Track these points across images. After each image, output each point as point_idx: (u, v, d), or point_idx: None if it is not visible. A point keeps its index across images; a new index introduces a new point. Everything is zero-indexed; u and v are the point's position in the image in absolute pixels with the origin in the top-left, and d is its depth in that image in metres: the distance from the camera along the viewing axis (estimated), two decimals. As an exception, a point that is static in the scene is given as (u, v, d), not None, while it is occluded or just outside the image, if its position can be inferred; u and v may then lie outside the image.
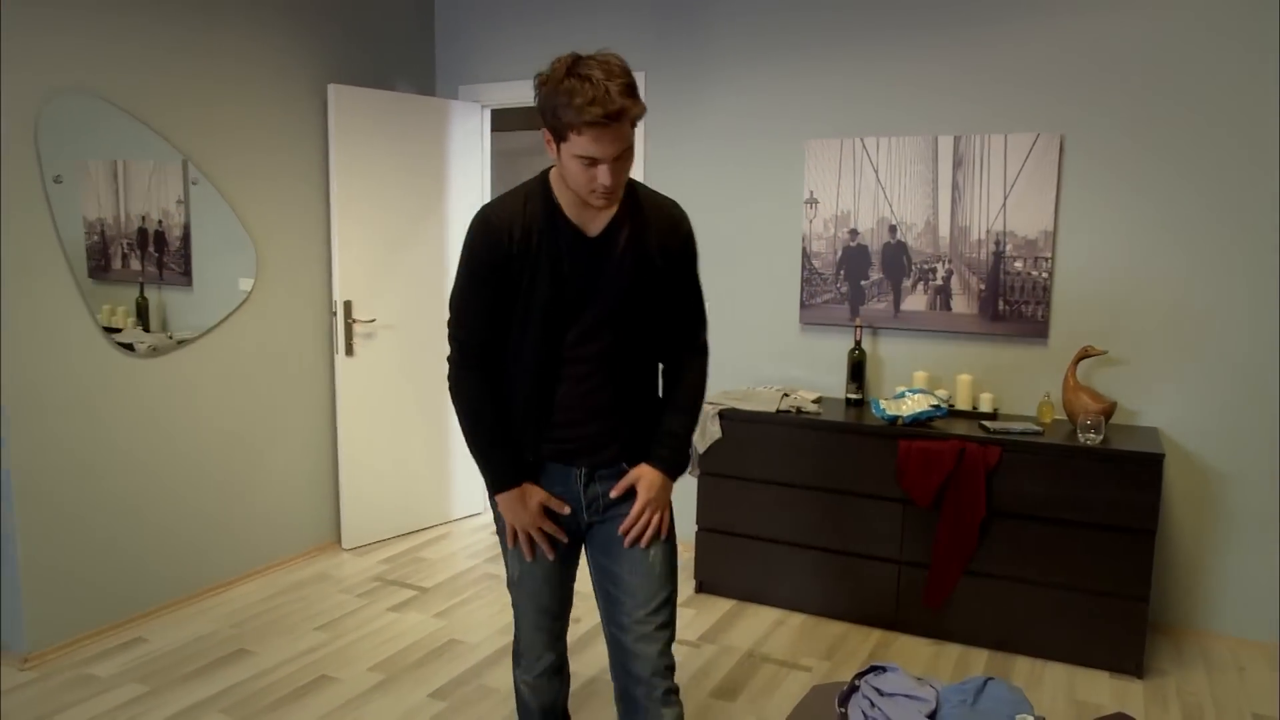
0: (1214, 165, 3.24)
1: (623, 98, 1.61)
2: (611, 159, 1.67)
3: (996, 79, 3.51)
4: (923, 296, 3.69)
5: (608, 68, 1.63)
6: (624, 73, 1.65)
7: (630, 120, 1.66)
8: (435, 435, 4.47)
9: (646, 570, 1.91)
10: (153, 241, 3.40)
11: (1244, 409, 3.29)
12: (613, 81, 1.61)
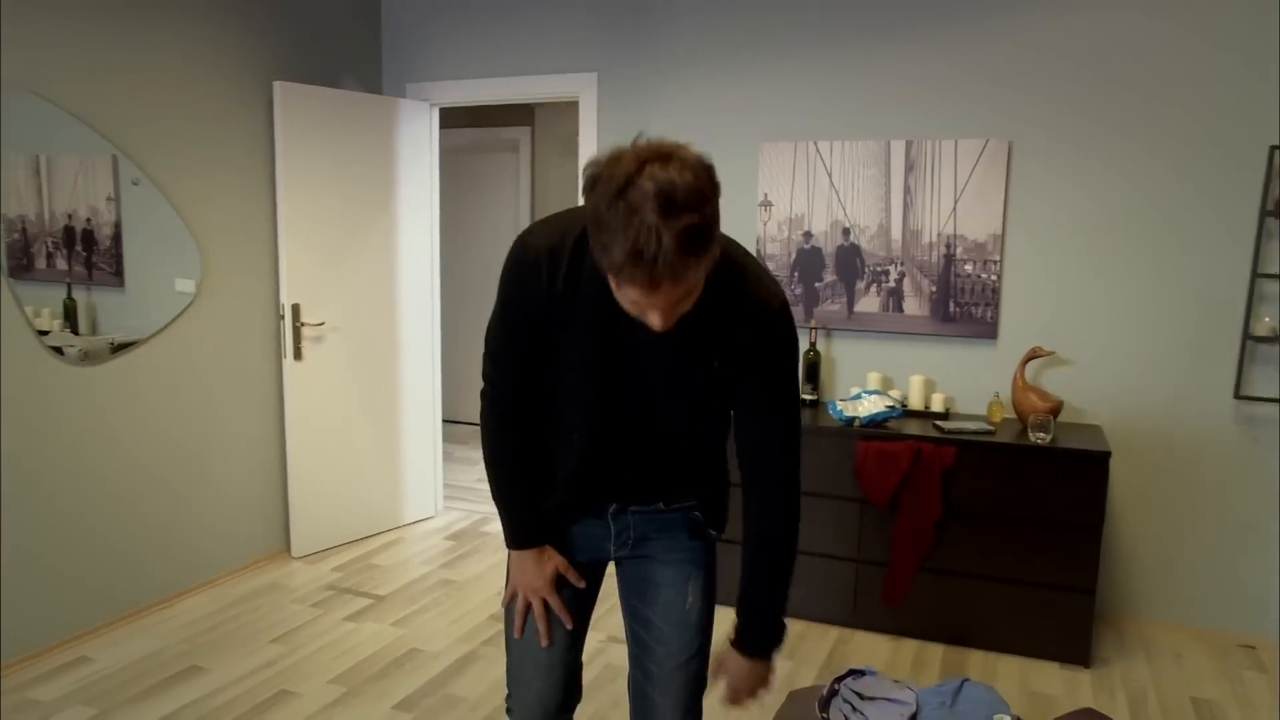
0: (1157, 171, 3.36)
1: (680, 255, 1.18)
2: (663, 308, 1.28)
3: (947, 85, 3.59)
4: (876, 298, 3.76)
5: (671, 198, 1.16)
6: (693, 204, 1.18)
7: (692, 276, 1.23)
8: (385, 440, 4.40)
9: (681, 619, 1.68)
10: (80, 240, 3.26)
11: (1182, 407, 3.43)
12: (670, 226, 1.16)
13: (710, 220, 1.21)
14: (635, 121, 4.09)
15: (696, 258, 1.20)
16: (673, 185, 1.17)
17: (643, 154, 1.20)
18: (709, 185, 1.21)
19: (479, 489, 5.25)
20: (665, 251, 1.16)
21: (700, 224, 1.19)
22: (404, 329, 4.42)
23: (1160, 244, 3.39)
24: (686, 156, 1.21)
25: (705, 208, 1.19)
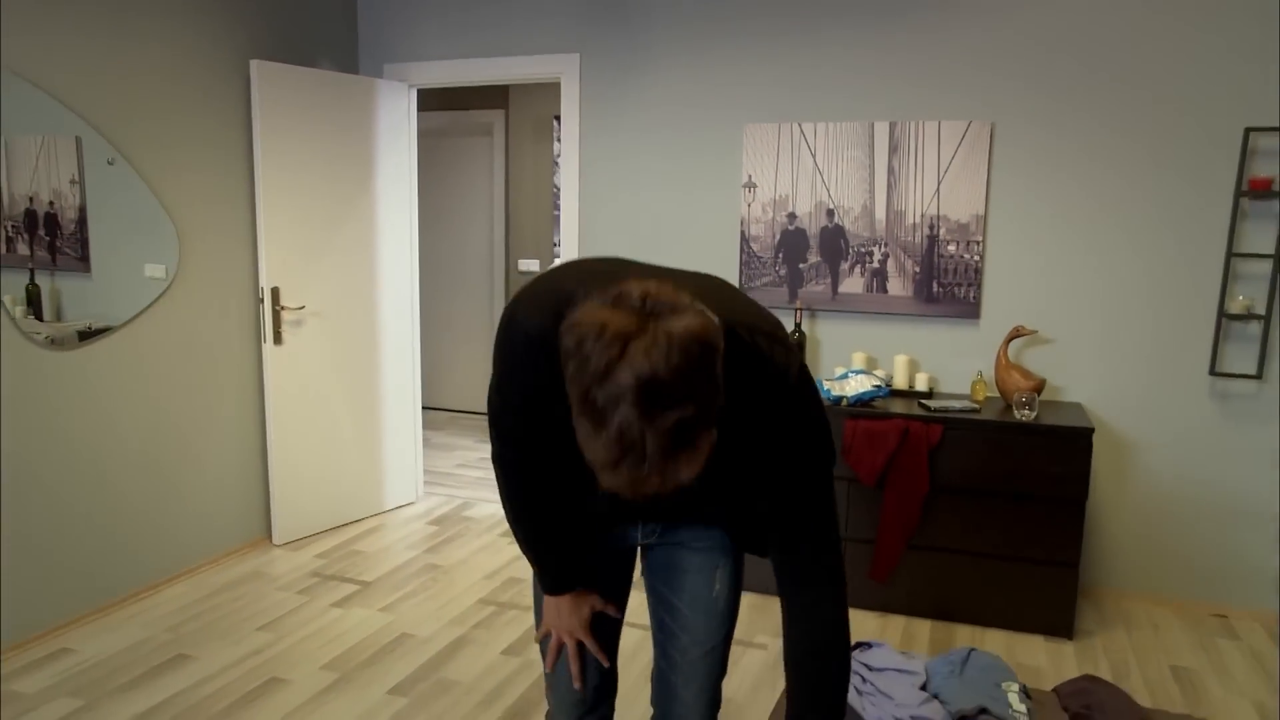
0: (1135, 152, 3.42)
1: (668, 457, 1.02)
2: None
3: (931, 67, 3.61)
4: (860, 279, 3.79)
5: (655, 391, 0.98)
6: (682, 394, 1.00)
7: (686, 473, 1.07)
8: (365, 425, 4.35)
9: (709, 606, 1.62)
10: (43, 224, 3.16)
11: (1159, 384, 3.50)
12: (655, 426, 1.00)
13: (705, 406, 1.02)
14: (618, 103, 4.07)
15: (690, 453, 1.03)
16: (655, 376, 0.98)
17: (627, 329, 1.00)
18: (703, 362, 1.02)
19: (458, 474, 5.22)
20: (651, 456, 1.01)
21: (691, 417, 1.01)
22: (383, 313, 4.37)
23: (1138, 224, 3.45)
24: (676, 330, 1.00)
25: (699, 394, 1.01)
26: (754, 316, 1.31)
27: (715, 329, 1.05)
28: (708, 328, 1.03)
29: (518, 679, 2.98)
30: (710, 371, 1.03)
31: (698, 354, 1.01)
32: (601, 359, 0.99)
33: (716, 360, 1.04)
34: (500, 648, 3.19)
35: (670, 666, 1.67)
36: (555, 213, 6.11)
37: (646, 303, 1.03)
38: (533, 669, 3.05)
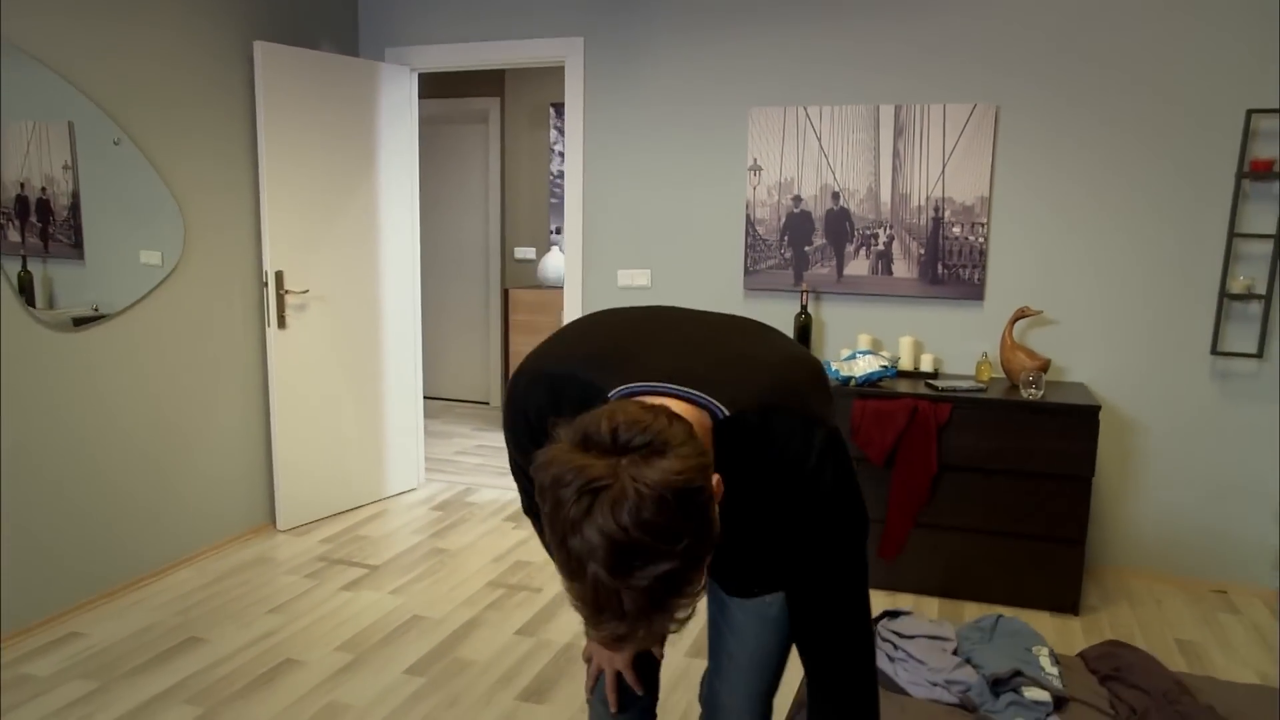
0: (1139, 134, 3.46)
1: (648, 614, 0.93)
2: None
3: (936, 51, 3.64)
4: (865, 261, 3.81)
5: (623, 552, 0.90)
6: (656, 550, 0.90)
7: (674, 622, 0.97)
8: (368, 410, 4.33)
9: (761, 611, 1.53)
10: (35, 211, 3.10)
11: (1161, 364, 3.55)
12: (630, 585, 0.91)
13: (689, 556, 0.92)
14: (624, 87, 4.07)
15: (678, 600, 0.94)
16: (626, 536, 0.89)
17: (595, 479, 0.91)
18: (683, 512, 0.91)
19: (458, 461, 5.21)
20: (630, 613, 0.92)
21: (671, 571, 0.91)
22: (385, 298, 4.35)
23: (1141, 205, 3.50)
24: (650, 479, 0.90)
25: (678, 547, 0.91)
26: (780, 389, 1.20)
27: (698, 468, 0.94)
28: (688, 471, 0.92)
29: (533, 658, 2.99)
30: (693, 518, 0.92)
31: (674, 506, 0.90)
32: (570, 510, 0.91)
33: (702, 503, 0.93)
34: (513, 628, 3.20)
35: (717, 670, 1.61)
36: (552, 201, 6.10)
37: (618, 439, 0.93)
38: (548, 649, 3.06)
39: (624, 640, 0.94)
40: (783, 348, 1.31)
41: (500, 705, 2.70)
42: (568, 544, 0.91)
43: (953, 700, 1.79)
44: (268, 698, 2.71)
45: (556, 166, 6.05)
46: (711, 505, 0.96)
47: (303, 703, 2.69)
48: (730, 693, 1.56)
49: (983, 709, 1.76)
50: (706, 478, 0.95)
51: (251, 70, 3.78)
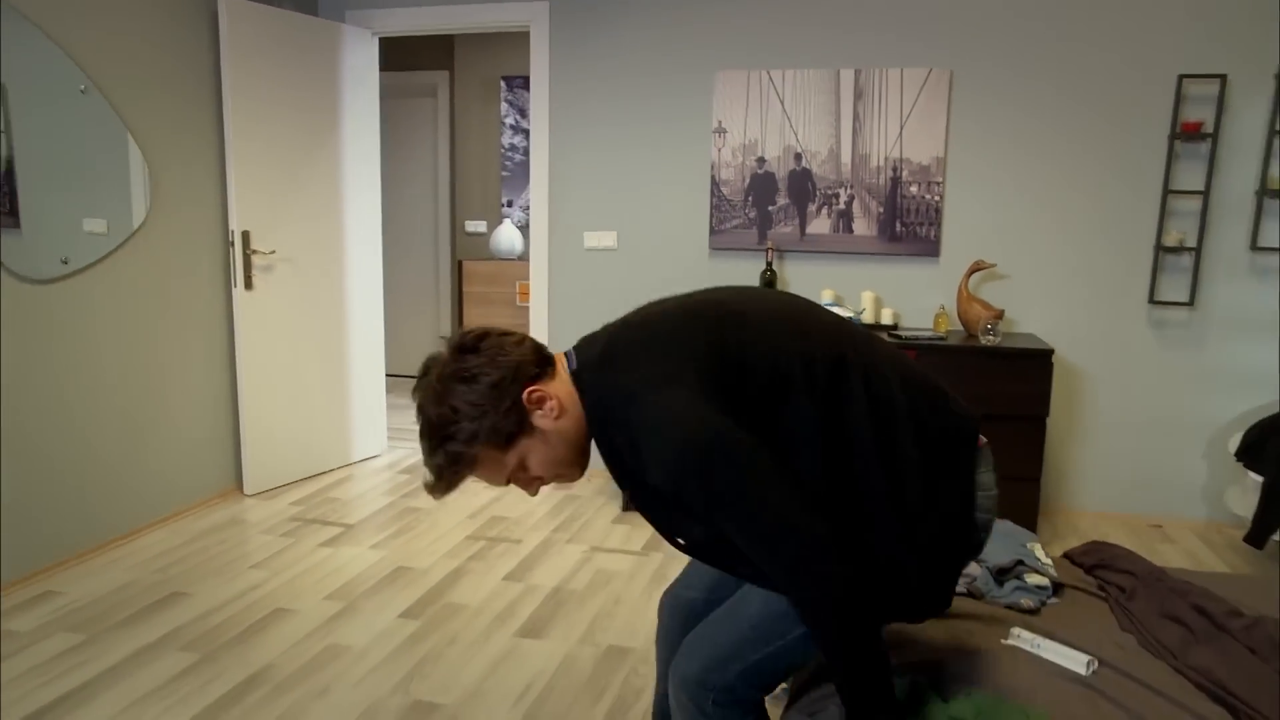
0: (1081, 97, 3.68)
1: (441, 484, 1.39)
2: (505, 484, 1.45)
3: (894, 17, 3.80)
4: (827, 220, 3.96)
5: (423, 433, 1.39)
6: (435, 441, 1.36)
7: (468, 476, 1.40)
8: (333, 373, 4.31)
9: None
10: None
11: (1104, 313, 3.79)
12: (428, 462, 1.39)
13: (462, 449, 1.34)
14: (590, 52, 4.14)
15: (459, 475, 1.36)
16: (423, 418, 1.37)
17: (429, 368, 1.39)
18: (459, 406, 1.34)
19: (418, 431, 5.20)
20: (431, 484, 1.39)
21: (444, 463, 1.35)
22: (350, 262, 4.33)
23: (1083, 164, 3.72)
24: (449, 372, 1.35)
25: (450, 442, 1.34)
26: (637, 390, 1.34)
27: (483, 369, 1.36)
28: (477, 369, 1.36)
29: (525, 600, 3.04)
30: (466, 415, 1.34)
31: (459, 396, 1.35)
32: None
33: (477, 402, 1.34)
34: (500, 575, 3.25)
35: (714, 588, 1.69)
36: (504, 174, 6.11)
37: (446, 351, 1.40)
38: (538, 592, 3.12)
39: (436, 495, 1.40)
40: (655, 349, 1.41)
41: (499, 642, 2.75)
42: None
43: (961, 590, 1.92)
44: (265, 642, 2.71)
45: (508, 140, 6.07)
46: (489, 388, 1.35)
47: (301, 646, 2.70)
48: (706, 625, 1.52)
49: (989, 596, 1.91)
50: (486, 380, 1.35)
51: (215, 28, 3.73)
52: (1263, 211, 3.61)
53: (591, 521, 3.81)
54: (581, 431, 1.43)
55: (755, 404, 1.33)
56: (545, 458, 1.41)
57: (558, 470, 1.44)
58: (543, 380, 1.40)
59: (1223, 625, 1.74)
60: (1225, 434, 3.76)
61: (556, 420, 1.39)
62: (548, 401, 1.38)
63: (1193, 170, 3.66)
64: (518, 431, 1.37)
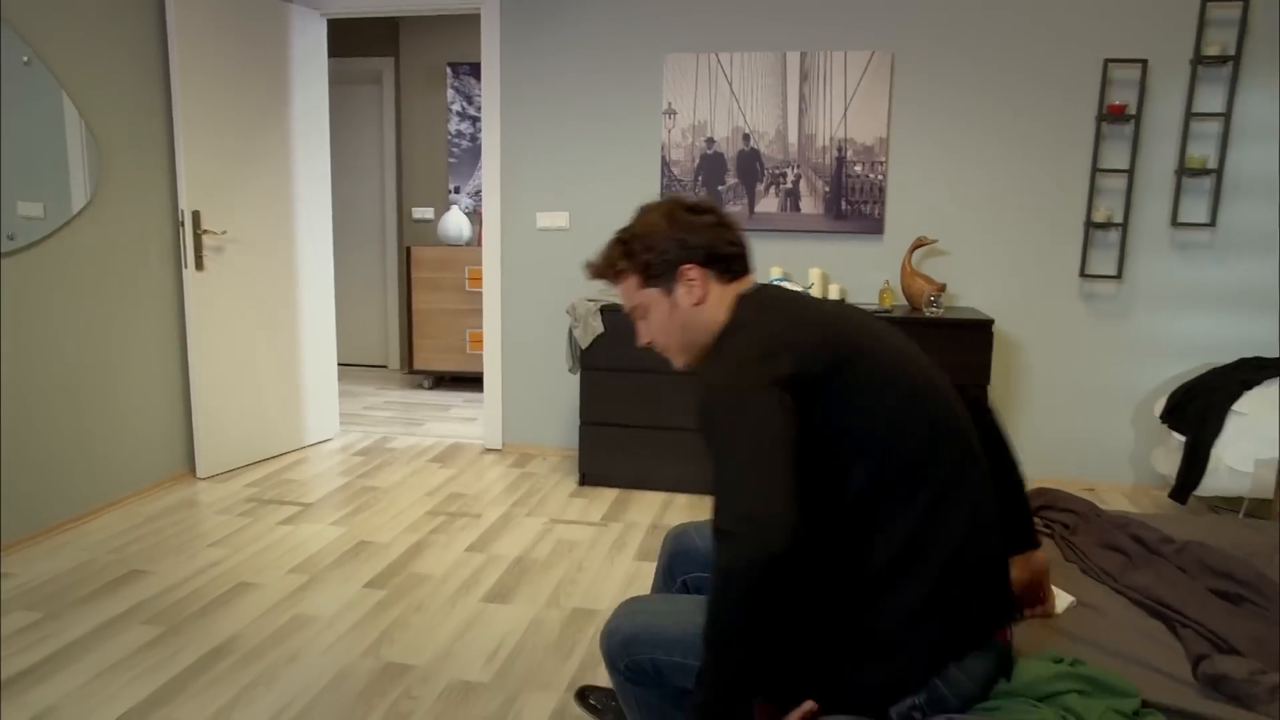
0: (1015, 80, 3.85)
1: (599, 261, 1.60)
2: (628, 314, 1.65)
3: (837, 2, 3.93)
4: (774, 199, 4.07)
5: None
6: (623, 235, 1.57)
7: (611, 279, 1.59)
8: (285, 356, 4.28)
9: None
10: None
11: (1037, 287, 3.97)
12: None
13: (630, 252, 1.54)
14: (540, 36, 4.19)
15: (611, 273, 1.58)
16: (634, 217, 1.59)
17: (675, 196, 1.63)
18: (649, 229, 1.53)
19: (369, 414, 5.19)
20: (593, 261, 1.62)
21: (610, 254, 1.57)
22: (300, 245, 4.31)
23: (1018, 144, 3.90)
24: (669, 207, 1.55)
25: (625, 243, 1.55)
26: (737, 333, 1.42)
27: (668, 220, 1.54)
28: (666, 215, 1.55)
29: (489, 569, 3.09)
30: (642, 240, 1.54)
31: (651, 225, 1.55)
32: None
33: (650, 237, 1.53)
34: (462, 547, 3.29)
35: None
36: (451, 160, 6.12)
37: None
38: (501, 561, 3.16)
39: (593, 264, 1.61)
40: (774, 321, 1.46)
41: (466, 608, 2.80)
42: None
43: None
44: (230, 614, 2.71)
45: (455, 126, 6.08)
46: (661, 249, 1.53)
47: (267, 617, 2.71)
48: (667, 602, 1.59)
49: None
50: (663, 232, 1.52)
51: (163, 3, 3.68)
52: (1182, 189, 3.83)
53: (549, 496, 3.87)
54: (698, 331, 1.54)
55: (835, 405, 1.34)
56: (660, 321, 1.55)
57: (662, 339, 1.58)
58: (713, 275, 1.52)
59: (1156, 550, 1.88)
60: (1151, 400, 3.97)
61: (690, 304, 1.52)
62: (694, 286, 1.51)
63: (1118, 150, 3.85)
64: (657, 283, 1.53)
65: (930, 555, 1.31)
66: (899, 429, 1.34)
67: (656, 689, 1.55)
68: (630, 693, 1.58)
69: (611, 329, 3.81)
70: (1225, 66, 3.72)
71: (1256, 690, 1.34)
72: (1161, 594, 1.71)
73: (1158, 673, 1.49)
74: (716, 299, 1.51)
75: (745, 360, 1.34)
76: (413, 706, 2.24)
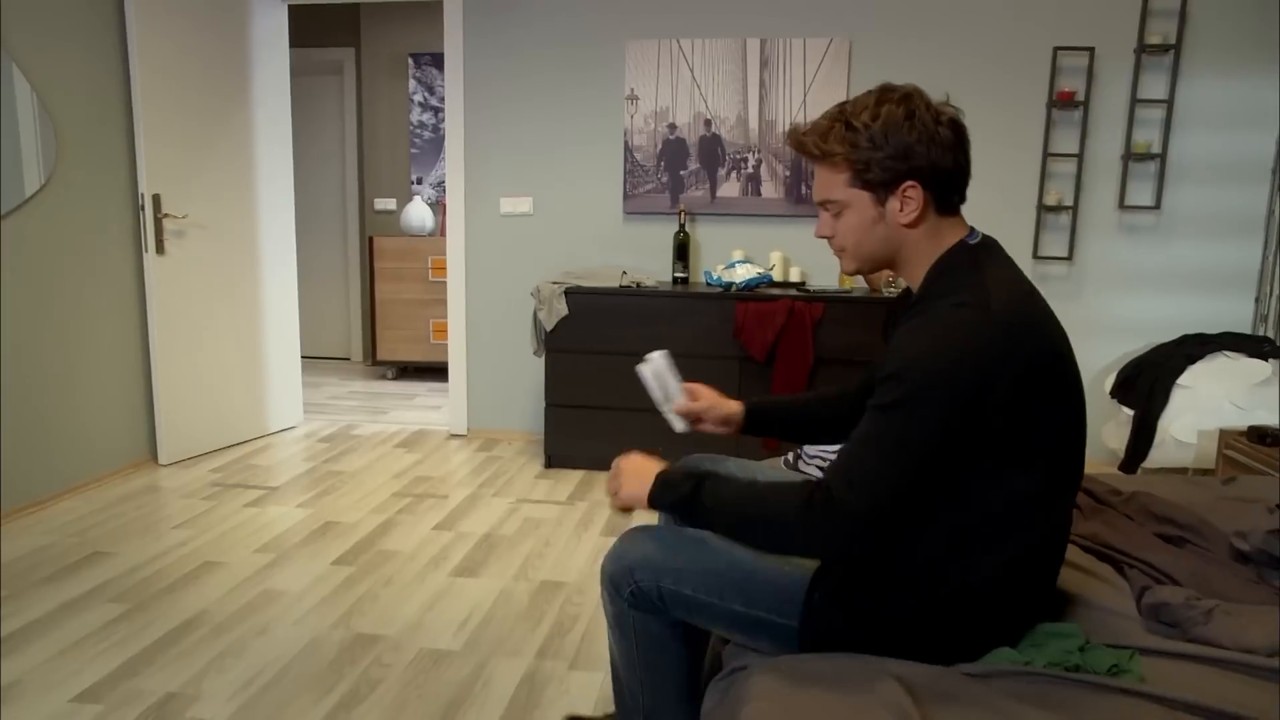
0: (970, 66, 3.95)
1: (807, 129, 1.40)
2: (819, 202, 1.45)
3: (794, -11, 4.01)
4: (736, 184, 4.14)
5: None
6: (837, 113, 1.37)
7: (813, 157, 1.40)
8: (248, 343, 4.26)
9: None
10: None
11: (991, 268, 4.08)
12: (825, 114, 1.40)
13: (837, 140, 1.35)
14: (502, 24, 4.21)
15: (815, 149, 1.38)
16: (861, 100, 1.38)
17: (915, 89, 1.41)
18: (879, 122, 1.33)
19: (333, 404, 5.17)
20: (799, 126, 1.42)
21: (825, 127, 1.36)
22: (263, 231, 4.29)
23: (972, 129, 4.00)
24: (914, 103, 1.36)
25: (844, 129, 1.34)
26: (976, 288, 1.32)
27: (891, 122, 1.35)
28: (888, 117, 1.35)
29: (457, 545, 3.11)
30: (858, 128, 1.35)
31: (874, 120, 1.35)
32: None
33: (869, 125, 1.34)
34: (430, 525, 3.30)
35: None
36: (413, 151, 6.11)
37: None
38: (469, 538, 3.19)
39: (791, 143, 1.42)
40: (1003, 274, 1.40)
41: (435, 582, 2.82)
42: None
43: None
44: (198, 591, 2.71)
45: (417, 117, 6.07)
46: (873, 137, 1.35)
47: (235, 592, 2.71)
48: (685, 533, 1.54)
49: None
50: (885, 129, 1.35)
51: (119, -15, 3.66)
52: (1129, 174, 3.95)
53: (515, 478, 3.89)
54: (894, 254, 1.42)
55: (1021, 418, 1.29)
56: (857, 227, 1.40)
57: (848, 243, 1.43)
58: (935, 201, 1.38)
59: (1104, 501, 1.96)
60: (1102, 378, 4.09)
61: (900, 223, 1.38)
62: (910, 205, 1.36)
63: (1068, 135, 3.97)
64: (870, 187, 1.36)
65: (1040, 532, 1.35)
66: (1076, 438, 1.35)
67: (656, 617, 1.52)
68: (630, 619, 1.54)
69: (576, 311, 3.85)
70: (1167, 55, 3.85)
71: (1193, 614, 1.42)
72: (1109, 539, 1.79)
73: (1105, 610, 1.56)
74: (932, 228, 1.40)
75: (967, 352, 1.25)
76: (384, 673, 2.26)
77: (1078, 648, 1.37)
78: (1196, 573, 1.60)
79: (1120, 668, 1.31)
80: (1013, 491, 1.30)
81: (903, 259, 1.43)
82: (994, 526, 1.31)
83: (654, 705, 1.59)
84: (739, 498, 1.37)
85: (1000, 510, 1.31)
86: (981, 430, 1.26)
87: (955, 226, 1.42)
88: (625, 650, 1.58)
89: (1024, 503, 1.31)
